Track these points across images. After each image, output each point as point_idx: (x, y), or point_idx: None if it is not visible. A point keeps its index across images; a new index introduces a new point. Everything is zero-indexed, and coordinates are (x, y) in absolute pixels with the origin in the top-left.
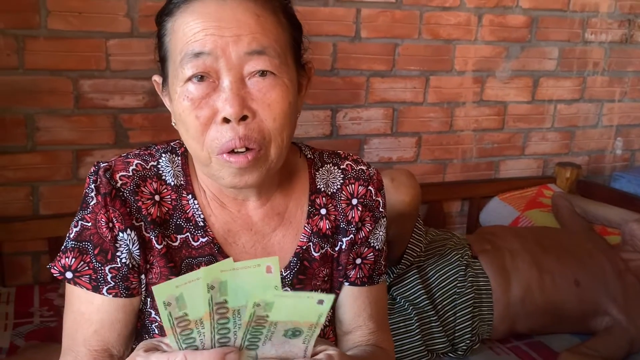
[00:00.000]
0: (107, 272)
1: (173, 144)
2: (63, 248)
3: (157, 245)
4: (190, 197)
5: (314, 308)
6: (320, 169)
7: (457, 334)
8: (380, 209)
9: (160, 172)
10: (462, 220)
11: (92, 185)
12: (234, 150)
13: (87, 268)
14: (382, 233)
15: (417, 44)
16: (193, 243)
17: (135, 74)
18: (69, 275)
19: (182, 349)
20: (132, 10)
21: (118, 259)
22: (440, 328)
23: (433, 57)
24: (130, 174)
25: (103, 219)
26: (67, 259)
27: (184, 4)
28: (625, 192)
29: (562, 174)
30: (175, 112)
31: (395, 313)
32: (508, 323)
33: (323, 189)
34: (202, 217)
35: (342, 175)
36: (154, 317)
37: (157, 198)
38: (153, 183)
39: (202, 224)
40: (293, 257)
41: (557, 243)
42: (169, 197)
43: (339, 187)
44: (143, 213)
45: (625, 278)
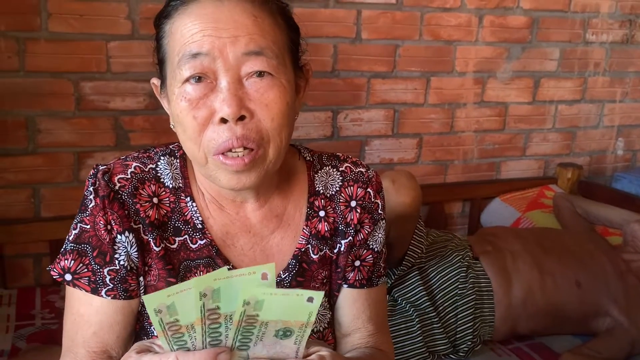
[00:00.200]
0: (105, 274)
1: (172, 147)
2: (62, 250)
3: (155, 248)
4: (189, 199)
5: (304, 306)
6: (319, 171)
7: (458, 335)
8: (379, 211)
9: (159, 174)
10: (463, 222)
11: (90, 188)
12: (231, 151)
13: (85, 270)
14: (381, 235)
15: (417, 45)
16: (191, 245)
17: (136, 76)
18: (69, 277)
19: (173, 351)
20: (132, 13)
21: (116, 261)
22: (442, 329)
23: (434, 58)
24: (129, 177)
25: (101, 222)
26: (66, 261)
27: (182, 6)
28: (627, 192)
29: (563, 175)
30: (173, 113)
31: (397, 314)
32: (509, 324)
33: (322, 191)
34: (200, 219)
35: (341, 178)
36: None
37: (155, 200)
38: (151, 185)
39: (200, 227)
40: (291, 259)
41: (558, 244)
42: (167, 199)
43: (338, 189)
44: (141, 215)
45: (627, 279)
